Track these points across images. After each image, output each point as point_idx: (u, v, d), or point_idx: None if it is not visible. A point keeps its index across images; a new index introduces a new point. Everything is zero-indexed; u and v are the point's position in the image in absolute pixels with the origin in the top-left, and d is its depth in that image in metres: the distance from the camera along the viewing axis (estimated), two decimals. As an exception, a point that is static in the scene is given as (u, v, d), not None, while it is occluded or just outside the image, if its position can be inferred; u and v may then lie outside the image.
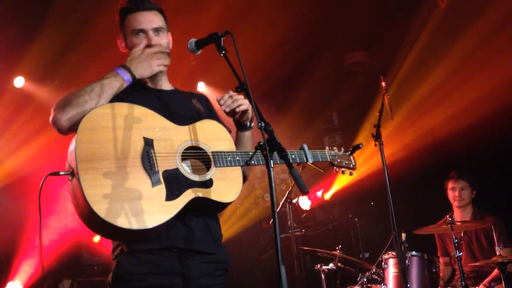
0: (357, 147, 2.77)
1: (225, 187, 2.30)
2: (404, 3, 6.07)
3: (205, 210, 2.30)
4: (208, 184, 2.25)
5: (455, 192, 5.10)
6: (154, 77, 2.45)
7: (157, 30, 2.42)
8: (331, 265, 5.04)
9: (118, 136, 2.12)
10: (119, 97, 2.31)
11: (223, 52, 2.19)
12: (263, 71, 6.70)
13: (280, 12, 5.91)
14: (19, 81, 6.27)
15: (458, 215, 5.14)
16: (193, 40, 2.33)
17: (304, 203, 6.83)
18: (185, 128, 2.31)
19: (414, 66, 6.41)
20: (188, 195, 2.17)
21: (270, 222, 6.82)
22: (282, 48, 6.64)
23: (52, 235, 6.45)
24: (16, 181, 6.43)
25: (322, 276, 5.12)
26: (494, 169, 6.02)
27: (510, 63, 5.68)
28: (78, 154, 2.02)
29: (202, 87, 7.41)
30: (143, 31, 2.39)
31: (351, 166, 2.82)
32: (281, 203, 5.66)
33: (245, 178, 2.45)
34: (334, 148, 2.82)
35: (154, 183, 2.11)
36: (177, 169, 2.19)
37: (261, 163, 2.38)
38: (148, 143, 2.17)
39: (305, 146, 2.61)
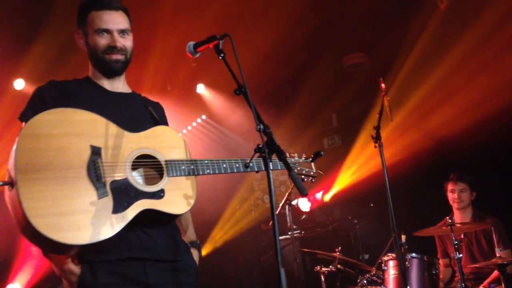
0: (318, 154, 2.66)
1: (177, 198, 2.19)
2: (403, 4, 6.07)
3: (160, 220, 2.21)
4: (159, 195, 2.15)
5: (455, 194, 5.10)
6: (111, 77, 2.39)
7: (122, 32, 2.35)
8: (330, 267, 5.04)
9: (63, 144, 2.00)
10: (71, 93, 2.25)
11: (222, 55, 2.18)
12: (262, 73, 6.70)
13: (279, 14, 5.91)
14: (19, 83, 6.27)
15: (457, 216, 5.14)
16: (191, 43, 2.33)
17: (304, 205, 6.84)
18: (137, 135, 2.21)
19: (414, 68, 6.41)
20: (136, 207, 2.07)
21: (270, 224, 6.81)
22: (281, 50, 6.65)
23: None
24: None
25: (322, 278, 5.12)
26: (494, 170, 6.02)
27: (510, 64, 5.68)
28: (18, 164, 1.90)
29: (201, 89, 7.41)
30: (108, 31, 2.31)
31: (312, 173, 2.74)
32: (280, 205, 5.66)
33: None
34: (294, 154, 2.73)
35: (100, 195, 2.00)
36: (126, 179, 2.09)
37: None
38: (95, 151, 2.05)
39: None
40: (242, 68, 2.09)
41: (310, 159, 2.71)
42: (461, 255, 4.40)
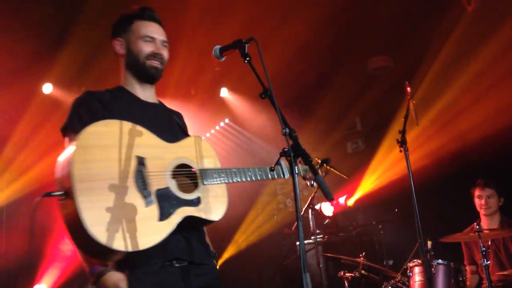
0: (326, 161, 2.80)
1: (212, 205, 2.31)
2: (430, 7, 6.00)
3: (195, 226, 2.32)
4: (196, 202, 2.26)
5: (482, 200, 5.01)
6: (146, 84, 2.51)
7: (164, 43, 2.52)
8: (355, 273, 4.99)
9: (112, 155, 2.09)
10: (109, 104, 2.34)
11: (247, 58, 2.19)
12: (287, 78, 6.71)
13: (304, 17, 5.91)
14: (47, 88, 6.40)
15: (485, 223, 5.04)
16: (217, 46, 2.35)
17: (327, 209, 6.79)
18: (174, 145, 2.32)
19: (440, 71, 6.33)
20: (179, 214, 2.18)
21: (293, 228, 6.79)
22: (306, 54, 6.65)
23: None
24: (44, 186, 6.55)
25: (346, 283, 5.08)
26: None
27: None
28: (74, 175, 1.96)
29: (225, 93, 7.45)
30: (154, 39, 2.47)
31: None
32: (303, 209, 5.64)
33: None
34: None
35: (148, 203, 2.10)
36: (168, 188, 2.19)
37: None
38: (141, 161, 2.15)
39: (282, 162, 2.59)
40: (267, 72, 2.10)
41: (318, 165, 2.84)
42: (488, 262, 4.31)
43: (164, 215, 2.12)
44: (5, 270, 6.16)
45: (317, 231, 6.28)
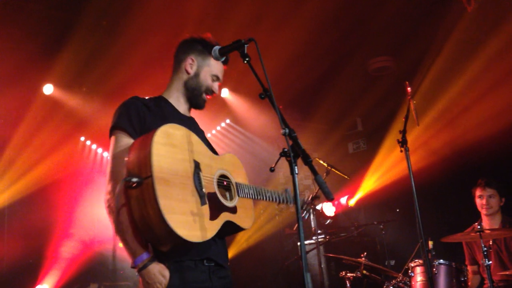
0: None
1: (244, 215, 2.56)
2: (430, 8, 6.00)
3: (226, 232, 2.47)
4: (234, 210, 2.49)
5: (483, 200, 5.00)
6: (186, 105, 2.67)
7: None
8: (356, 273, 4.99)
9: (177, 155, 2.26)
10: (155, 110, 2.47)
11: (247, 59, 2.21)
12: (288, 78, 6.71)
13: (305, 18, 5.91)
14: (48, 88, 6.42)
15: (486, 223, 5.03)
16: (217, 47, 2.37)
17: (328, 209, 6.80)
18: (217, 157, 2.55)
19: (441, 71, 6.33)
20: (222, 218, 2.40)
21: (294, 228, 6.79)
22: (307, 54, 6.65)
23: (77, 241, 6.55)
24: (45, 187, 6.57)
25: (347, 283, 5.07)
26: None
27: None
28: (154, 165, 2.12)
29: (225, 93, 7.46)
30: (219, 80, 2.69)
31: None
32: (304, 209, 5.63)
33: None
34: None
35: (202, 203, 2.28)
36: (215, 193, 2.40)
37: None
38: (197, 165, 2.34)
39: (289, 191, 2.96)
40: (267, 73, 2.11)
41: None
42: (490, 262, 4.30)
43: (213, 216, 2.33)
44: (7, 270, 6.18)
45: (319, 231, 6.29)
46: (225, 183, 2.51)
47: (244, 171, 2.70)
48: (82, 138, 7.41)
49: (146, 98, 2.56)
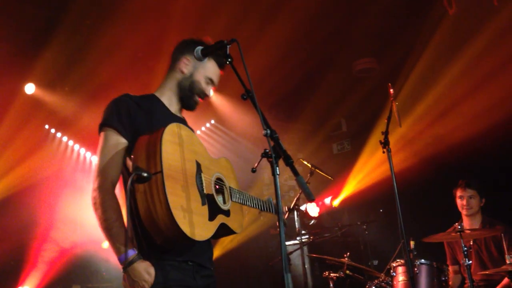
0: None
1: (236, 219, 2.59)
2: (413, 10, 6.06)
3: (218, 234, 2.46)
4: (228, 213, 2.53)
5: (463, 200, 5.06)
6: (178, 104, 2.65)
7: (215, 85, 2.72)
8: (339, 273, 5.02)
9: (183, 154, 2.30)
10: (147, 109, 2.46)
11: (229, 60, 2.21)
12: (272, 79, 6.72)
13: (290, 20, 5.93)
14: (29, 88, 6.34)
15: (467, 223, 5.10)
16: (199, 47, 2.37)
17: (312, 210, 6.82)
18: (214, 160, 2.58)
19: (423, 73, 6.39)
20: (218, 220, 2.42)
21: (278, 229, 6.81)
22: (292, 56, 6.67)
23: (60, 242, 6.49)
24: (28, 187, 6.49)
25: (331, 283, 5.10)
26: (503, 176, 5.97)
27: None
28: (164, 162, 2.14)
29: (210, 94, 7.43)
30: (213, 83, 2.67)
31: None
32: (289, 209, 5.65)
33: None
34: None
35: (203, 202, 2.32)
36: (213, 194, 2.43)
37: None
38: (198, 166, 2.39)
39: (271, 200, 2.98)
40: (252, 73, 2.12)
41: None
42: (470, 261, 4.36)
43: (211, 217, 2.36)
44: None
45: (303, 231, 6.31)
46: (217, 186, 2.52)
47: (235, 176, 2.74)
48: (65, 138, 7.33)
49: (138, 96, 2.55)
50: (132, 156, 2.26)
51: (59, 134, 7.19)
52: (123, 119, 2.37)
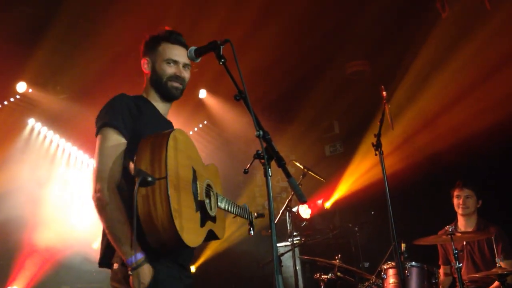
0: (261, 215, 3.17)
1: (220, 225, 2.65)
2: (406, 12, 6.08)
3: (204, 239, 2.49)
4: (214, 219, 2.56)
5: (460, 200, 5.09)
6: (166, 102, 2.67)
7: (185, 66, 2.67)
8: (330, 275, 5.02)
9: (181, 160, 2.31)
10: (142, 110, 2.46)
11: (222, 60, 2.20)
12: (266, 81, 6.73)
13: (284, 22, 5.94)
14: (21, 86, 6.30)
15: (462, 223, 5.12)
16: (192, 48, 2.36)
17: (304, 211, 6.82)
18: (205, 167, 2.62)
19: (417, 76, 6.42)
20: (207, 226, 2.46)
21: (270, 231, 6.80)
22: (285, 58, 6.67)
23: (49, 243, 6.44)
24: (18, 187, 6.44)
25: (322, 285, 5.10)
26: (495, 178, 6.01)
27: (509, 75, 5.69)
28: (169, 169, 2.16)
29: (203, 95, 7.42)
30: (176, 62, 2.63)
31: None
32: (281, 211, 5.65)
33: None
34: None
35: (197, 209, 2.35)
36: (203, 201, 2.45)
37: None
38: (194, 173, 2.41)
39: (247, 207, 3.07)
40: (245, 75, 2.11)
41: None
42: (460, 264, 4.38)
43: (202, 223, 2.40)
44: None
45: (294, 233, 6.31)
46: (210, 189, 2.57)
47: (220, 182, 2.78)
48: (56, 138, 7.28)
49: (132, 96, 2.57)
50: (134, 158, 2.24)
51: (57, 137, 7.15)
52: (124, 118, 2.38)
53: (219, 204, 2.62)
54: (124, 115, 2.39)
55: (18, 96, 6.39)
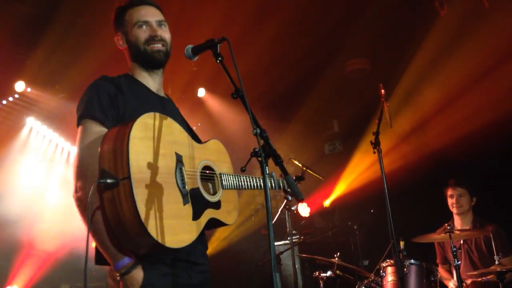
0: (301, 178, 2.92)
1: (228, 209, 2.37)
2: (405, 11, 6.08)
3: (207, 227, 2.30)
4: (218, 205, 2.32)
5: (453, 199, 5.10)
6: (153, 71, 2.42)
7: (160, 23, 2.42)
8: (329, 273, 5.03)
9: (158, 149, 2.05)
10: (126, 91, 2.26)
11: (220, 58, 2.16)
12: (266, 80, 6.72)
13: (284, 21, 5.93)
14: (20, 86, 6.29)
15: (458, 222, 5.13)
16: (189, 46, 2.31)
17: (303, 210, 6.82)
18: (200, 146, 2.34)
19: (415, 74, 6.41)
20: (206, 216, 2.23)
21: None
22: (285, 57, 6.67)
23: (48, 242, 6.44)
24: (17, 186, 6.45)
25: (321, 283, 5.11)
26: (494, 177, 6.01)
27: (510, 72, 5.69)
28: (132, 165, 1.91)
29: (202, 93, 7.42)
30: (147, 22, 2.38)
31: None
32: (280, 209, 5.64)
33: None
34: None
35: (185, 201, 2.11)
36: (198, 188, 2.22)
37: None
38: (179, 159, 2.15)
39: (274, 174, 2.64)
40: (245, 74, 2.08)
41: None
42: (459, 262, 4.38)
43: (196, 215, 2.15)
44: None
45: (293, 231, 6.31)
46: (207, 172, 2.32)
47: (228, 158, 2.49)
48: (55, 136, 7.28)
49: (115, 76, 2.35)
50: (99, 155, 2.00)
51: (56, 137, 7.14)
52: (104, 106, 2.16)
53: (224, 184, 2.36)
54: (104, 101, 2.17)
55: (16, 95, 6.38)
